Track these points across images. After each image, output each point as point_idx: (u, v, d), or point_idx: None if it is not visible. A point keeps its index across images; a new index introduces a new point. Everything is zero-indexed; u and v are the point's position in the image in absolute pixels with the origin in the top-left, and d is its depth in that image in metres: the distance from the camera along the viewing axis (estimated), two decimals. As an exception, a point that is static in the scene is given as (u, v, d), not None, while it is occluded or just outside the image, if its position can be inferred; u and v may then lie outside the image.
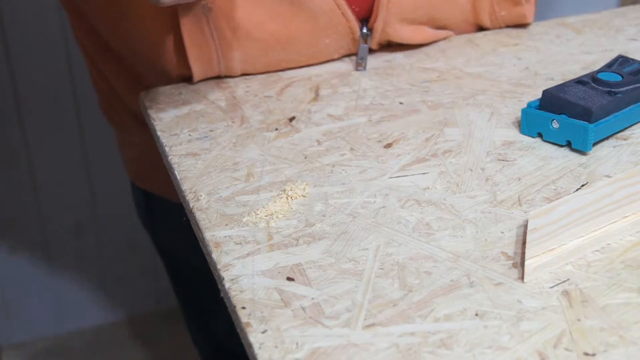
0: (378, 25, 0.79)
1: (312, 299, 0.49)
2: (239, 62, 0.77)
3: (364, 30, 0.79)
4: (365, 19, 0.80)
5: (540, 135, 0.65)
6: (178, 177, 0.62)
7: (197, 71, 0.77)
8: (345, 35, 0.79)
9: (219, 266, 0.52)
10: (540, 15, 0.93)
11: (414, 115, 0.70)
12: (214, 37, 0.75)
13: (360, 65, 0.79)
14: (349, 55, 0.82)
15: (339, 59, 0.81)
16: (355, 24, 0.79)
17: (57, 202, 1.59)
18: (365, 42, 0.79)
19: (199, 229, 0.56)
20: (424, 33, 0.83)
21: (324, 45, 0.79)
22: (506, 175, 0.61)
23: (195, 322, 1.07)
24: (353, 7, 0.78)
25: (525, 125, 0.65)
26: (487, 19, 0.85)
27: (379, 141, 0.66)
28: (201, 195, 0.60)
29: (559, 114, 0.63)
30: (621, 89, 0.64)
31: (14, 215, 1.58)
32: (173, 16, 0.74)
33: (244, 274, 0.51)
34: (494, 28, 0.86)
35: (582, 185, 0.59)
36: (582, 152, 0.63)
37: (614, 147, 0.64)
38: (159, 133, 0.69)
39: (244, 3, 0.75)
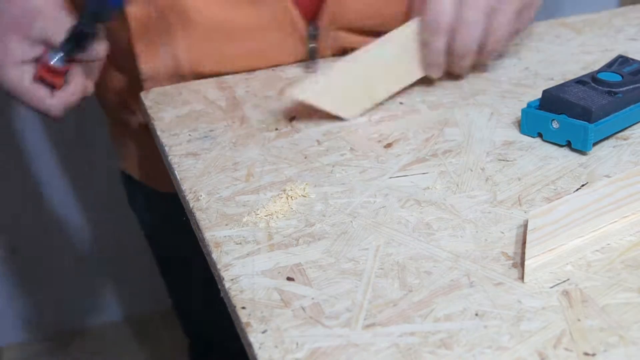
0: (325, 26, 0.78)
1: (312, 299, 0.49)
2: (184, 51, 0.77)
3: (311, 30, 0.78)
4: (314, 21, 0.78)
5: (540, 135, 0.65)
6: (178, 177, 0.62)
7: (144, 58, 0.78)
8: (291, 35, 0.78)
9: (219, 266, 0.52)
10: (540, 15, 0.93)
11: (414, 115, 0.70)
12: (159, 23, 0.77)
13: (309, 68, 0.78)
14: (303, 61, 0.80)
15: (293, 63, 0.80)
16: (301, 23, 0.77)
17: (57, 202, 1.59)
18: (314, 44, 0.78)
19: (199, 229, 0.56)
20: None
21: (269, 41, 0.78)
22: (506, 175, 0.61)
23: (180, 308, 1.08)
24: (299, 6, 0.77)
25: (525, 125, 0.65)
26: None
27: (379, 141, 0.66)
28: (201, 195, 0.60)
29: (559, 114, 0.63)
30: (621, 89, 0.64)
31: (14, 215, 1.58)
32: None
33: (244, 274, 0.51)
34: None
35: (582, 185, 0.59)
36: (582, 152, 0.63)
37: (614, 147, 0.64)
38: (159, 133, 0.69)
39: None
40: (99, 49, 0.71)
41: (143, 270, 1.71)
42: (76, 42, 0.69)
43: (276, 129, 0.69)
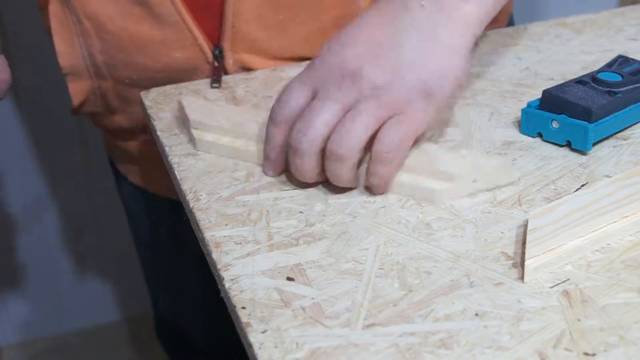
0: (229, 48, 0.77)
1: (312, 299, 0.49)
2: (100, 53, 0.79)
3: (216, 52, 0.77)
4: (219, 43, 0.78)
5: (540, 135, 0.65)
6: (178, 177, 0.62)
7: (62, 54, 0.79)
8: (195, 54, 0.77)
9: (219, 266, 0.52)
10: (541, 15, 0.93)
11: (414, 115, 0.70)
12: (74, 23, 0.78)
13: (215, 82, 0.76)
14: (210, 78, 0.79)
15: (201, 78, 0.78)
16: (204, 44, 0.77)
17: (57, 202, 1.59)
18: (218, 62, 0.77)
19: (199, 229, 0.56)
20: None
21: (175, 58, 0.78)
22: (506, 175, 0.61)
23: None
24: (201, 27, 0.77)
25: (525, 125, 0.65)
26: None
27: (379, 141, 0.66)
28: (201, 195, 0.60)
29: (559, 114, 0.63)
30: (621, 89, 0.64)
31: (15, 215, 1.58)
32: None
33: (244, 274, 0.51)
34: None
35: (582, 185, 0.59)
36: (582, 152, 0.63)
37: (614, 147, 0.64)
38: (159, 133, 0.69)
39: None
40: None
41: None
42: None
43: (276, 129, 0.69)
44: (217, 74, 0.77)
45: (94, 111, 0.87)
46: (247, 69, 0.79)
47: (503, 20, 0.91)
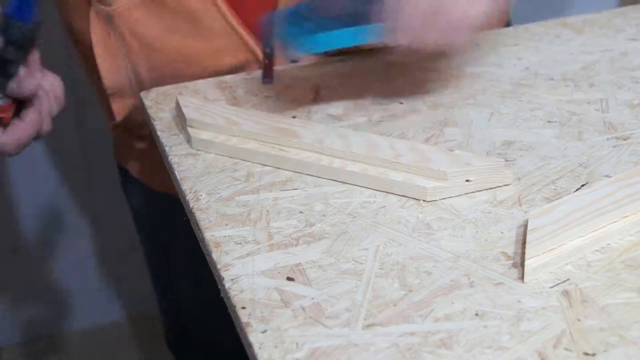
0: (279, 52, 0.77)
1: (312, 298, 0.49)
2: (147, 70, 0.79)
3: (267, 50, 0.77)
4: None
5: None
6: (178, 177, 0.62)
7: (107, 75, 0.80)
8: (247, 57, 0.78)
9: (219, 266, 0.52)
10: (541, 15, 0.93)
11: (414, 115, 0.70)
12: (120, 43, 0.78)
13: (267, 78, 0.77)
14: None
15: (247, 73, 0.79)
16: (252, 43, 0.78)
17: (57, 201, 1.59)
18: (269, 61, 0.77)
19: (199, 229, 0.56)
20: None
21: (225, 64, 0.79)
22: (506, 175, 0.61)
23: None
24: (249, 27, 0.77)
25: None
26: None
27: (379, 141, 0.66)
28: (201, 195, 0.60)
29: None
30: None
31: (15, 215, 1.58)
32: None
33: (244, 274, 0.51)
34: None
35: (582, 185, 0.59)
36: (581, 152, 0.63)
37: (614, 147, 0.64)
38: (159, 133, 0.69)
39: (145, 15, 0.76)
40: (27, 83, 0.66)
41: (143, 270, 1.71)
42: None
43: (276, 129, 0.69)
44: (268, 70, 0.77)
45: (134, 124, 0.87)
46: (294, 61, 0.80)
47: (502, 18, 0.91)
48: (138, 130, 0.89)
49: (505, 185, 0.59)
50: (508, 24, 0.95)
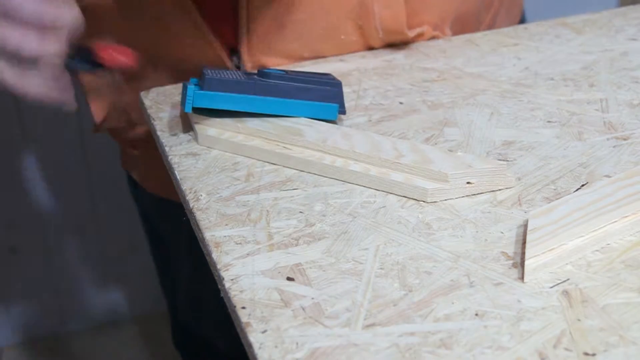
0: (245, 56, 0.78)
1: (312, 298, 0.49)
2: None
3: (234, 58, 0.78)
4: (235, 48, 0.78)
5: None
6: (178, 177, 0.62)
7: (95, 112, 0.82)
8: (217, 62, 0.78)
9: (219, 266, 0.52)
10: (540, 15, 0.93)
11: (414, 115, 0.70)
12: (111, 86, 0.81)
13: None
14: None
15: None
16: (222, 52, 0.77)
17: (58, 201, 1.59)
18: (238, 69, 0.78)
19: (199, 229, 0.56)
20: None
21: (198, 67, 0.77)
22: (506, 175, 0.61)
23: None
24: (217, 35, 0.77)
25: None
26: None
27: (379, 141, 0.66)
28: (201, 195, 0.60)
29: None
30: (264, 80, 0.65)
31: (15, 215, 1.58)
32: None
33: (244, 274, 0.51)
34: None
35: (582, 185, 0.59)
36: (581, 152, 0.63)
37: (614, 147, 0.64)
38: (159, 133, 0.69)
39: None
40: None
41: (144, 270, 1.72)
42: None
43: (276, 129, 0.69)
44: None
45: (115, 126, 0.87)
46: (265, 67, 0.79)
47: (517, 14, 0.91)
48: (124, 134, 0.89)
49: (507, 188, 0.59)
50: (522, 21, 0.95)
